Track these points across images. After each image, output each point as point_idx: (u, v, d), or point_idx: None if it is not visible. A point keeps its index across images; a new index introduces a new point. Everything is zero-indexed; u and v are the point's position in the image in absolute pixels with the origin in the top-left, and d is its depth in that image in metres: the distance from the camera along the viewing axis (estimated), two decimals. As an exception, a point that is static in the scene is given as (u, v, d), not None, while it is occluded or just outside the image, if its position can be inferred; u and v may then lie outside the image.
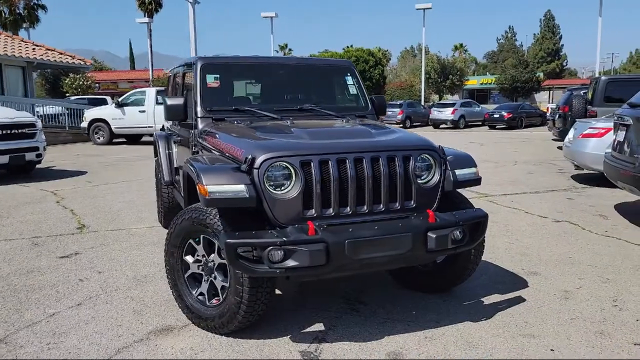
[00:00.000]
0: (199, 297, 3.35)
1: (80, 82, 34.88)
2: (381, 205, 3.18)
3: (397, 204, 3.22)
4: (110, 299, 3.86)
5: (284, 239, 2.85)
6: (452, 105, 29.47)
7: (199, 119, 4.05)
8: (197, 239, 3.31)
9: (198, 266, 3.35)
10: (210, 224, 3.10)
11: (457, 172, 3.43)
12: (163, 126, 6.40)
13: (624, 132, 5.86)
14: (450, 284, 3.86)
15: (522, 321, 3.41)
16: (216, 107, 4.14)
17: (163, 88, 21.14)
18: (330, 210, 3.09)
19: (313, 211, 3.06)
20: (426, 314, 3.54)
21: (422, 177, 3.34)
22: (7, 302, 3.83)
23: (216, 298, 3.28)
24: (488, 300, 3.79)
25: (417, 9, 31.83)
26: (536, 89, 52.27)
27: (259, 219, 3.11)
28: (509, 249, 4.95)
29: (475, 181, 3.54)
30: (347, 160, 3.11)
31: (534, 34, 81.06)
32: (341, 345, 3.10)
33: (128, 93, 19.11)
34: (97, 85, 43.77)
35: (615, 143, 6.20)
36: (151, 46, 42.66)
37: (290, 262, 2.85)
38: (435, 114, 29.13)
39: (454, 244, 3.18)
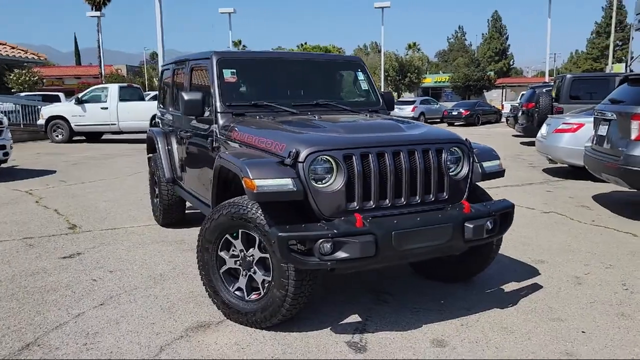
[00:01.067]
0: (237, 292, 3.33)
1: (27, 78, 33.35)
2: (417, 197, 3.26)
3: (432, 196, 3.31)
4: (133, 298, 3.78)
5: (335, 231, 2.88)
6: (412, 102, 30.01)
7: (218, 114, 4.01)
8: (234, 234, 3.29)
9: (235, 261, 3.33)
10: (252, 219, 3.10)
11: (484, 164, 3.56)
12: (153, 122, 6.27)
13: (607, 127, 6.18)
14: (470, 273, 3.99)
15: (546, 306, 3.57)
16: (235, 102, 4.11)
17: (126, 84, 20.64)
18: (371, 202, 3.14)
19: (355, 204, 3.10)
20: (455, 302, 3.65)
21: (452, 170, 3.44)
22: (23, 304, 3.69)
23: (256, 292, 3.27)
24: (507, 287, 3.94)
25: (375, 8, 32.22)
26: (487, 88, 53.90)
27: (298, 213, 3.13)
28: (510, 240, 5.13)
29: (500, 173, 3.68)
30: (385, 154, 3.17)
31: (483, 34, 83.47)
32: (384, 334, 3.17)
33: (89, 89, 18.47)
34: (42, 81, 41.89)
35: (596, 137, 6.53)
36: (101, 41, 41.27)
37: (341, 254, 2.89)
38: (397, 111, 29.56)
39: (487, 234, 3.30)
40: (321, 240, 2.86)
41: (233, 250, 3.35)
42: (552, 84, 13.41)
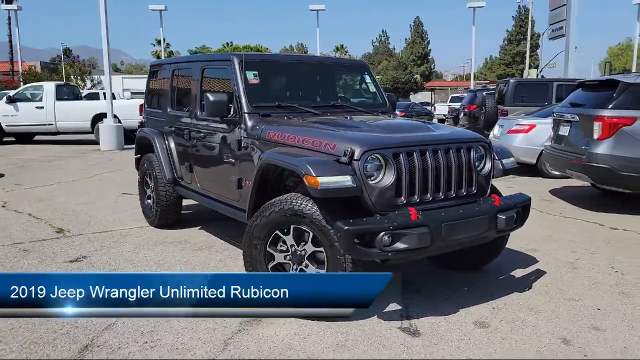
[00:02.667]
0: (286, 286, 3.46)
1: None
2: (452, 192, 3.55)
3: (464, 190, 3.61)
4: (169, 297, 3.78)
5: (394, 224, 3.10)
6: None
7: (246, 115, 4.09)
8: (285, 230, 3.42)
9: (285, 256, 3.46)
10: (308, 214, 3.25)
11: (504, 161, 3.91)
12: (142, 122, 6.18)
13: (568, 127, 6.80)
14: (482, 262, 4.32)
15: (556, 288, 3.97)
16: (259, 103, 4.21)
17: (63, 82, 19.63)
18: (415, 197, 3.39)
19: (402, 198, 3.34)
20: (477, 289, 3.97)
21: (479, 166, 3.75)
22: (55, 308, 3.60)
23: (307, 285, 3.41)
24: (516, 274, 4.32)
25: (311, 10, 32.62)
26: (414, 90, 55.98)
27: (346, 208, 3.31)
28: (497, 231, 5.57)
29: (516, 169, 4.05)
30: (427, 152, 3.43)
31: (406, 39, 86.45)
32: (428, 319, 3.42)
33: (21, 87, 17.43)
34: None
35: (557, 136, 7.16)
36: (18, 35, 38.77)
37: (400, 245, 3.11)
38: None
39: (513, 224, 3.65)
40: (383, 232, 3.07)
41: (281, 246, 3.48)
42: (495, 87, 14.33)
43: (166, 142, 5.40)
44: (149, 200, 5.89)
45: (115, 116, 15.13)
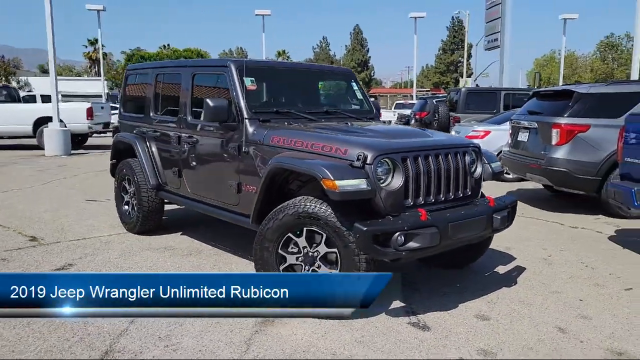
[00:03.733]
0: (298, 287, 3.56)
1: None
2: (451, 194, 3.78)
3: (460, 192, 3.85)
4: (175, 302, 3.78)
5: (408, 224, 3.28)
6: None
7: (246, 121, 4.16)
8: (297, 232, 3.52)
9: (297, 257, 3.56)
10: (323, 217, 3.38)
11: (492, 165, 4.19)
12: (117, 127, 6.07)
13: (527, 134, 7.28)
14: (469, 261, 4.58)
15: (540, 282, 4.29)
16: (257, 109, 4.29)
17: (2, 84, 18.60)
18: (420, 198, 3.59)
19: (409, 200, 3.53)
20: (469, 285, 4.21)
21: (472, 170, 4.01)
22: (59, 316, 3.52)
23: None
24: (499, 270, 4.62)
25: (256, 15, 32.54)
26: (356, 96, 56.82)
27: (361, 210, 3.47)
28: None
29: (502, 172, 4.34)
30: (430, 156, 3.64)
31: (346, 46, 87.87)
32: (433, 315, 3.62)
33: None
34: None
35: (515, 142, 7.63)
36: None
37: (413, 244, 3.30)
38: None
39: (506, 224, 3.93)
40: (398, 233, 3.24)
41: (292, 248, 3.58)
42: (446, 95, 14.96)
43: (148, 147, 5.35)
44: (127, 207, 5.79)
45: (60, 120, 14.55)
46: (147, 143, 5.36)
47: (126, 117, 5.91)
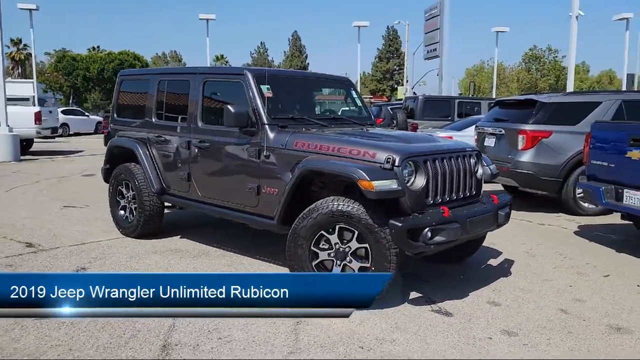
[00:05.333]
0: (331, 280, 3.82)
1: None
2: (460, 193, 4.18)
3: (467, 192, 4.26)
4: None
5: (435, 220, 3.63)
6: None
7: (266, 126, 4.37)
8: (330, 230, 3.79)
9: (328, 253, 3.83)
10: (356, 215, 3.67)
11: (491, 167, 4.63)
12: (110, 133, 6.08)
13: (494, 139, 7.89)
14: (466, 255, 4.99)
15: (531, 272, 4.77)
16: (276, 115, 4.52)
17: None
18: (438, 197, 3.96)
19: (430, 199, 3.89)
20: (470, 277, 4.63)
21: (476, 171, 4.43)
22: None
23: (351, 279, 3.81)
24: (492, 263, 5.07)
25: (200, 19, 32.25)
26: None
27: (389, 208, 3.78)
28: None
29: (498, 175, 4.80)
30: (444, 159, 4.03)
31: (285, 51, 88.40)
32: (450, 303, 3.99)
33: None
34: None
35: (481, 147, 8.20)
36: None
37: (439, 239, 3.65)
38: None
39: (506, 220, 4.37)
40: (427, 228, 3.58)
41: (323, 245, 3.85)
42: (403, 102, 15.62)
43: (150, 152, 5.43)
44: (123, 211, 5.81)
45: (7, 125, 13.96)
46: (149, 148, 5.44)
47: (121, 122, 5.93)
